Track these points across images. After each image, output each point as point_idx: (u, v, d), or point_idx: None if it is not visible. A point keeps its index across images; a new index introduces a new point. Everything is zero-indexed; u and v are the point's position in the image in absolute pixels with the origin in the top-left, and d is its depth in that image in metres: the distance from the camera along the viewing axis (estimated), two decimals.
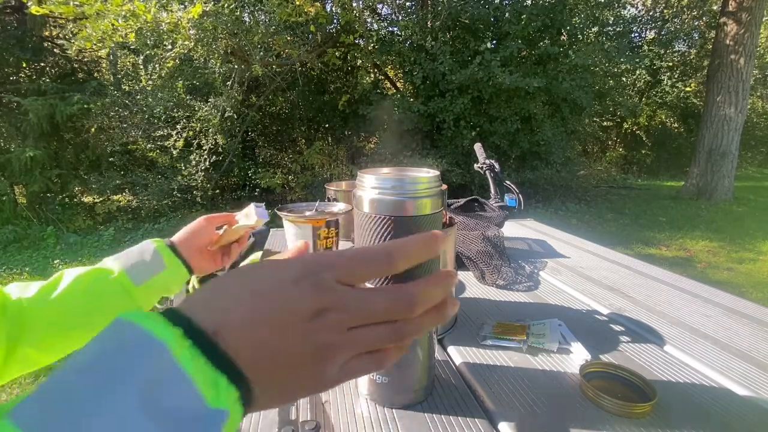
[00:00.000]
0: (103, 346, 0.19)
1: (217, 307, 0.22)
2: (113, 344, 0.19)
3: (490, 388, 0.48)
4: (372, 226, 0.35)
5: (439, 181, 0.37)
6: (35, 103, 4.26)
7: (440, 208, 0.37)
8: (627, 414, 0.43)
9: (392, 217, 0.34)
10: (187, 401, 0.18)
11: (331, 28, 5.35)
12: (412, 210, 0.34)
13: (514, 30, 5.07)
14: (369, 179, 0.35)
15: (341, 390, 0.48)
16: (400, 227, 0.34)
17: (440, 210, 0.37)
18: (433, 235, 0.26)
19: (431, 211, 0.36)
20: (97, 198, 5.17)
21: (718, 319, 0.67)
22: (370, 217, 0.35)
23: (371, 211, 0.35)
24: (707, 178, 6.52)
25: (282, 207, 0.81)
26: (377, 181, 0.34)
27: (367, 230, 0.35)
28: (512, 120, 5.32)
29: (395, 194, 0.34)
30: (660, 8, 10.13)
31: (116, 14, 3.32)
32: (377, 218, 0.34)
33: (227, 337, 0.21)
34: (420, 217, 0.35)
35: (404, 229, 0.34)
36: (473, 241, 0.87)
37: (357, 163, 5.87)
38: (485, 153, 1.33)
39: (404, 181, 0.34)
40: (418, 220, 0.35)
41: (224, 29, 3.92)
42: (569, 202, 6.01)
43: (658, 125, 11.15)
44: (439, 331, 0.60)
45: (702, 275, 3.37)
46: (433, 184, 0.36)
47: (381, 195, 0.34)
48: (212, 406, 0.19)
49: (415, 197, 0.34)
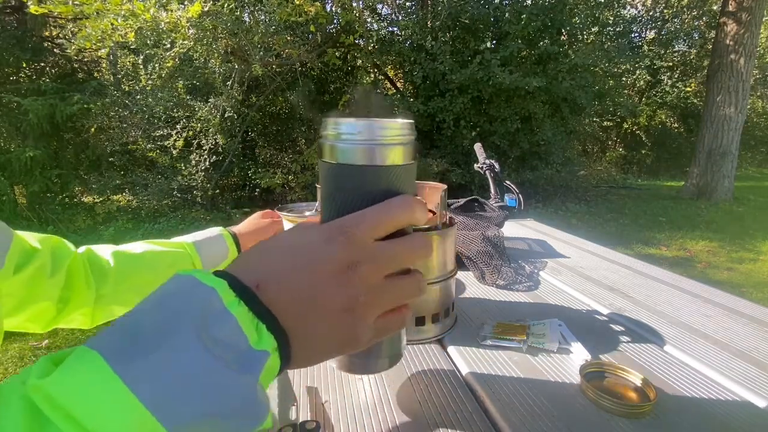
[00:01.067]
0: (164, 289, 0.22)
1: (258, 265, 0.25)
2: (172, 289, 0.22)
3: (489, 388, 0.48)
4: (334, 176, 0.30)
5: (412, 130, 0.33)
6: (35, 103, 4.26)
7: (412, 161, 0.33)
8: (627, 414, 0.43)
9: (358, 166, 0.30)
10: (234, 337, 0.21)
11: (331, 28, 5.35)
12: (380, 158, 0.30)
13: (514, 30, 5.07)
14: (332, 124, 0.31)
15: (341, 390, 0.48)
16: (366, 177, 0.30)
17: (413, 163, 0.33)
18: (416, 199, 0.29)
19: (403, 162, 0.31)
20: (97, 198, 5.17)
21: (718, 319, 0.67)
22: (333, 167, 0.30)
23: (332, 159, 0.30)
24: (707, 178, 6.52)
25: (282, 207, 0.81)
26: (341, 126, 0.30)
27: (330, 181, 0.31)
28: (512, 120, 5.32)
29: (361, 141, 0.30)
30: (660, 8, 10.13)
31: (116, 14, 3.32)
32: (340, 167, 0.30)
33: (267, 290, 0.23)
34: (390, 167, 0.30)
35: (372, 179, 0.30)
36: (473, 241, 0.87)
37: None
38: (485, 153, 1.33)
39: (372, 126, 0.30)
40: (387, 171, 0.30)
41: (224, 29, 3.92)
42: (569, 202, 6.01)
43: (658, 125, 11.15)
44: (439, 331, 0.61)
45: (702, 275, 3.37)
46: (405, 131, 0.32)
47: (345, 142, 0.30)
48: (255, 347, 0.21)
49: (384, 144, 0.30)
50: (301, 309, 0.24)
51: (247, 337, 0.21)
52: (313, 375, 0.50)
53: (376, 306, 0.26)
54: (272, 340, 0.22)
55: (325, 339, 0.25)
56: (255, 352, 0.21)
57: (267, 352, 0.22)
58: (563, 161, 6.08)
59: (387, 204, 0.27)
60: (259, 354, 0.21)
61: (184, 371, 0.19)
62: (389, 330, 0.28)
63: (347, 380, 0.50)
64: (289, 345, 0.23)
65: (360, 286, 0.24)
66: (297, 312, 0.23)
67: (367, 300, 0.25)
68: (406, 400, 0.46)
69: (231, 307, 0.21)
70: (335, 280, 0.24)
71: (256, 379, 0.21)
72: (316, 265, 0.24)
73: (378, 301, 0.26)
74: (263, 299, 0.23)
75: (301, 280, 0.24)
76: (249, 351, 0.21)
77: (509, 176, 5.32)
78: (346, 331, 0.25)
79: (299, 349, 0.24)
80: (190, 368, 0.19)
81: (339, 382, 0.49)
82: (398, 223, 0.27)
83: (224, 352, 0.20)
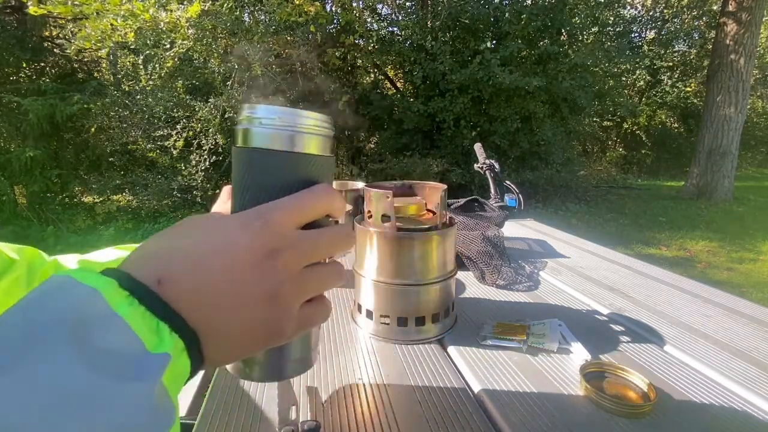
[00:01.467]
0: (34, 295, 0.19)
1: (161, 257, 0.22)
2: (45, 293, 0.19)
3: (490, 388, 0.48)
4: (249, 161, 0.29)
5: (332, 125, 0.32)
6: (35, 103, 4.25)
7: (331, 155, 0.32)
8: (627, 414, 0.43)
9: (278, 151, 0.29)
10: (124, 343, 0.18)
11: (331, 28, 5.35)
12: (299, 145, 0.29)
13: (514, 30, 5.07)
14: (249, 108, 0.29)
15: (341, 390, 0.48)
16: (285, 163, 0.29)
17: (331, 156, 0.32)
18: None
19: (321, 153, 0.30)
20: (97, 198, 5.17)
21: (718, 319, 0.67)
22: (249, 152, 0.29)
23: (247, 144, 0.29)
24: (707, 178, 6.52)
25: None
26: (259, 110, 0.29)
27: (244, 168, 0.29)
28: (512, 120, 5.32)
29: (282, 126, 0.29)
30: (660, 8, 10.13)
31: (115, 14, 3.32)
32: (258, 153, 0.29)
33: (172, 285, 0.20)
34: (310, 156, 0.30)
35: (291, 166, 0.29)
36: (473, 241, 0.87)
37: (357, 163, 5.87)
38: (485, 153, 1.33)
39: (293, 113, 0.29)
40: (306, 159, 0.30)
41: (224, 29, 3.92)
42: (569, 202, 6.01)
43: (658, 125, 11.15)
44: (438, 331, 0.61)
45: (702, 275, 3.37)
46: (325, 124, 0.31)
47: (265, 127, 0.29)
48: (153, 351, 0.19)
49: (304, 132, 0.29)
50: (215, 303, 0.21)
51: (141, 340, 0.18)
52: (313, 375, 0.51)
53: (299, 295, 0.24)
54: (177, 340, 0.20)
55: (246, 333, 0.23)
56: (151, 356, 0.19)
57: (167, 354, 0.19)
58: (563, 161, 6.08)
59: (307, 191, 0.26)
60: (157, 357, 0.19)
61: (52, 387, 0.16)
62: (314, 321, 0.27)
63: (347, 380, 0.50)
64: (199, 344, 0.21)
65: (282, 274, 0.23)
66: (210, 307, 0.21)
67: (290, 289, 0.23)
68: (406, 400, 0.46)
69: (119, 309, 0.18)
70: (254, 269, 0.22)
71: (153, 385, 0.18)
72: (232, 254, 0.22)
73: (301, 289, 0.24)
74: (166, 296, 0.20)
75: (214, 270, 0.22)
76: (145, 356, 0.18)
77: (509, 176, 5.32)
78: (268, 323, 0.23)
79: (216, 347, 0.22)
80: (59, 384, 0.16)
81: (339, 382, 0.49)
82: (318, 212, 0.26)
83: (112, 361, 0.17)
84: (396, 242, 0.57)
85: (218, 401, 0.45)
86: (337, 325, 0.64)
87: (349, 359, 0.54)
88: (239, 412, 0.43)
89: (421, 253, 0.57)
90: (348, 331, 0.62)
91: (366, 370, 0.52)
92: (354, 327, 0.63)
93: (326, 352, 0.56)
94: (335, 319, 0.66)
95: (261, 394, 0.46)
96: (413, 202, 0.63)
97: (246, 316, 0.22)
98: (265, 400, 0.45)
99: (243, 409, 0.44)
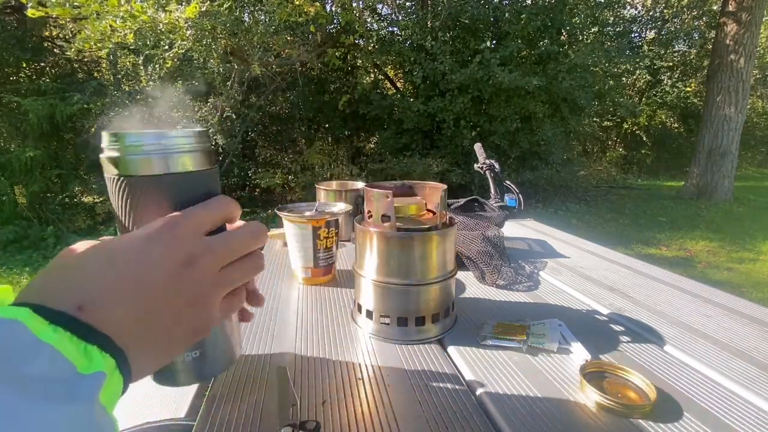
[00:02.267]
0: None
1: (74, 285, 0.22)
2: None
3: (489, 388, 0.48)
4: (118, 189, 0.29)
5: (203, 138, 0.31)
6: (35, 103, 4.25)
7: (207, 166, 0.31)
8: (627, 414, 0.43)
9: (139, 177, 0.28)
10: (54, 368, 0.18)
11: (331, 28, 5.35)
12: (164, 167, 0.29)
13: (513, 30, 5.07)
14: (105, 137, 0.29)
15: (341, 390, 0.48)
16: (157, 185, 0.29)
17: (211, 169, 0.32)
18: None
19: (192, 168, 0.30)
20: (97, 198, 5.17)
21: (718, 319, 0.67)
22: (113, 180, 0.29)
23: (112, 173, 0.29)
24: (707, 178, 6.52)
25: (282, 207, 0.81)
26: (122, 137, 0.28)
27: (115, 194, 0.29)
28: (512, 120, 5.32)
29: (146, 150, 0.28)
30: (660, 8, 10.13)
31: (114, 15, 3.32)
32: (122, 180, 0.28)
33: (94, 311, 0.21)
34: (180, 174, 0.29)
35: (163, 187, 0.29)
36: (473, 241, 0.87)
37: (357, 163, 5.87)
38: (485, 153, 1.33)
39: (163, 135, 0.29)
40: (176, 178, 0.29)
41: (223, 29, 3.92)
42: (569, 202, 6.01)
43: (658, 125, 11.15)
44: (438, 332, 0.61)
45: (702, 275, 3.37)
46: (192, 139, 0.30)
47: (124, 153, 0.28)
48: (85, 372, 0.19)
49: (167, 153, 0.29)
50: (139, 318, 0.22)
51: (72, 363, 0.19)
52: (314, 375, 0.51)
53: (220, 292, 0.26)
54: (108, 359, 0.20)
55: (175, 337, 0.24)
56: (85, 378, 0.19)
57: (102, 373, 0.20)
58: (563, 161, 6.08)
59: (205, 203, 0.28)
60: (90, 378, 0.19)
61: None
62: (233, 308, 0.29)
63: (347, 380, 0.50)
64: (128, 361, 0.21)
65: (203, 277, 0.24)
66: (135, 322, 0.22)
67: (211, 290, 0.25)
68: (406, 400, 0.46)
69: (45, 337, 0.19)
70: (173, 279, 0.23)
71: (92, 404, 0.19)
72: (148, 269, 0.22)
73: (221, 287, 0.26)
74: (91, 320, 0.20)
75: (136, 289, 0.22)
76: (77, 378, 0.19)
77: (509, 176, 5.32)
78: (193, 323, 0.24)
79: (146, 357, 0.23)
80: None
81: (339, 383, 0.49)
82: (219, 219, 0.28)
83: (44, 387, 0.18)
84: (396, 242, 0.57)
85: (218, 401, 0.45)
86: (337, 325, 0.64)
87: (349, 359, 0.54)
88: (239, 412, 0.43)
89: (421, 253, 0.57)
90: (348, 331, 0.62)
91: (366, 370, 0.52)
92: (354, 327, 0.63)
93: (326, 352, 0.56)
94: (335, 319, 0.66)
95: (261, 394, 0.46)
96: (413, 202, 0.63)
97: (172, 324, 0.23)
98: (265, 400, 0.45)
99: (243, 409, 0.44)
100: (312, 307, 0.71)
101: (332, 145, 6.24)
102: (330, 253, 0.80)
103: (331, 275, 0.83)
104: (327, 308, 0.70)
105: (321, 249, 0.78)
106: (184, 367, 0.34)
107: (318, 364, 0.53)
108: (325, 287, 0.80)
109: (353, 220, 0.63)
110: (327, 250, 0.79)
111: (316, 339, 0.60)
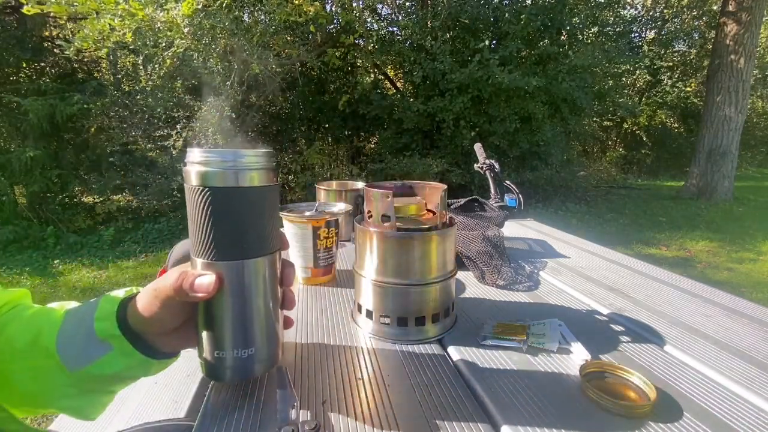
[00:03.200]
0: None
1: None
2: None
3: (490, 388, 0.48)
4: (199, 197, 0.37)
5: (270, 158, 0.39)
6: (35, 103, 4.25)
7: (271, 182, 0.39)
8: (627, 414, 0.43)
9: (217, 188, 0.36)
10: None
11: (331, 28, 5.35)
12: (235, 181, 0.36)
13: (513, 30, 5.07)
14: (194, 153, 0.37)
15: (341, 390, 0.48)
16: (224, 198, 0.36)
17: (272, 185, 0.40)
18: None
19: (258, 184, 0.38)
20: (97, 198, 5.17)
21: (718, 319, 0.67)
22: (194, 189, 0.37)
23: (197, 183, 0.37)
24: (707, 178, 6.52)
25: (282, 207, 0.81)
26: (203, 154, 0.36)
27: (193, 201, 0.37)
28: (512, 120, 5.32)
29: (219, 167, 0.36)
30: (660, 8, 10.13)
31: (112, 14, 3.31)
32: (201, 190, 0.36)
33: None
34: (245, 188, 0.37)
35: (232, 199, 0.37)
36: (473, 241, 0.87)
37: (357, 163, 5.87)
38: (485, 153, 1.33)
39: (225, 154, 0.36)
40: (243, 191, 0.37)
41: (223, 29, 3.91)
42: (569, 202, 6.01)
43: (658, 125, 11.15)
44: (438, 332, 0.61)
45: (702, 275, 3.37)
46: (261, 159, 0.38)
47: (206, 167, 0.36)
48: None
49: (238, 169, 0.36)
50: None
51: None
52: (314, 375, 0.51)
53: None
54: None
55: None
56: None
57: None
58: (563, 161, 6.08)
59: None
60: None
61: None
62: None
63: (347, 380, 0.50)
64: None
65: None
66: None
67: None
68: (406, 400, 0.46)
69: None
70: None
71: None
72: None
73: None
74: None
75: None
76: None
77: (509, 176, 5.32)
78: None
79: None
80: None
81: (339, 382, 0.49)
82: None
83: None
84: (396, 242, 0.57)
85: (218, 401, 0.45)
86: (337, 325, 0.64)
87: (349, 359, 0.54)
88: (239, 412, 0.43)
89: (421, 253, 0.57)
90: (348, 331, 0.62)
91: (366, 370, 0.52)
92: (354, 327, 0.63)
93: (326, 352, 0.56)
94: (335, 319, 0.66)
95: (261, 394, 0.46)
96: (413, 202, 0.63)
97: None
98: (265, 400, 0.45)
99: (243, 409, 0.44)
100: (312, 307, 0.71)
101: (332, 145, 6.24)
102: (330, 253, 0.80)
103: (331, 275, 0.83)
104: (327, 308, 0.70)
105: (321, 249, 0.78)
106: (236, 363, 0.40)
107: (318, 364, 0.53)
108: (325, 287, 0.80)
109: (353, 220, 0.63)
110: (327, 250, 0.79)
111: (316, 339, 0.60)
